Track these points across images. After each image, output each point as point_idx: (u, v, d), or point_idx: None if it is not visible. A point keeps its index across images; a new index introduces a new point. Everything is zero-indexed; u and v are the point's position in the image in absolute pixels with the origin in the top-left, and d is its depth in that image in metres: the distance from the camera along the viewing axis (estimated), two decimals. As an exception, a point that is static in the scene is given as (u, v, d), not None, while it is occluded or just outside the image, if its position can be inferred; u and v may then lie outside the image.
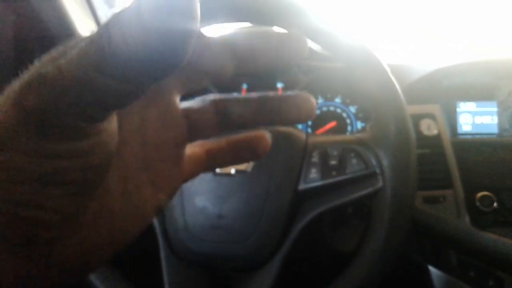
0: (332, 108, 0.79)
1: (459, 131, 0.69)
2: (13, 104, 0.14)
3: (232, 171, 0.45)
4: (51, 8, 0.82)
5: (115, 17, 0.13)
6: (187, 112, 0.23)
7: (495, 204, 0.59)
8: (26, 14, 0.82)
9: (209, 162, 0.24)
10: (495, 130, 0.69)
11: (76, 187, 0.16)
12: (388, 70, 0.45)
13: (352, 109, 0.78)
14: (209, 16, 0.47)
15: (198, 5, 0.13)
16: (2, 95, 0.15)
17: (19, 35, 0.85)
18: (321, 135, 0.54)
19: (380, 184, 0.43)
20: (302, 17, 0.45)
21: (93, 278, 0.46)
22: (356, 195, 0.44)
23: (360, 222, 0.63)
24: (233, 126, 0.23)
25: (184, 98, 0.23)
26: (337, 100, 0.79)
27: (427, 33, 0.93)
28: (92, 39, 0.13)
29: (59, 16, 0.83)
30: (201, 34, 0.20)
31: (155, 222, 0.47)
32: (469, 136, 0.69)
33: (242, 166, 0.45)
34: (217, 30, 0.76)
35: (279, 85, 0.79)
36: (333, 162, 0.45)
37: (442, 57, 0.76)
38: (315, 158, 0.46)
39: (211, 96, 0.23)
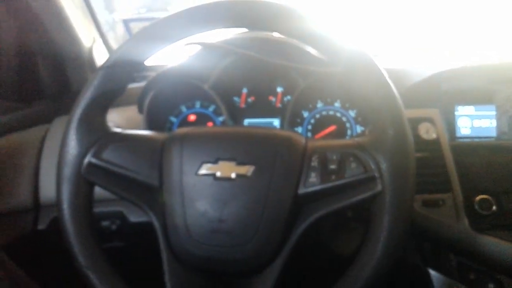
0: (331, 112, 0.79)
1: (458, 134, 0.70)
2: None
3: (233, 175, 0.45)
4: (52, 12, 0.82)
5: None
6: None
7: (494, 208, 0.60)
8: (27, 18, 0.83)
9: None
10: (493, 133, 0.69)
11: None
12: (386, 74, 0.46)
13: (352, 113, 0.78)
14: (208, 22, 0.48)
15: None
16: None
17: (21, 39, 0.86)
18: (321, 140, 0.54)
19: (379, 188, 0.44)
20: (300, 22, 0.46)
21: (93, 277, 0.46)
22: (355, 199, 0.45)
23: (359, 226, 0.64)
24: None
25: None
26: (337, 104, 0.79)
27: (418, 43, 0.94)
28: None
29: (60, 21, 0.84)
30: None
31: (157, 225, 0.47)
32: (467, 140, 0.69)
33: (242, 170, 0.46)
34: (216, 35, 0.77)
35: (279, 90, 0.80)
36: (332, 166, 0.46)
37: (436, 63, 0.77)
38: (314, 163, 0.46)
39: None
